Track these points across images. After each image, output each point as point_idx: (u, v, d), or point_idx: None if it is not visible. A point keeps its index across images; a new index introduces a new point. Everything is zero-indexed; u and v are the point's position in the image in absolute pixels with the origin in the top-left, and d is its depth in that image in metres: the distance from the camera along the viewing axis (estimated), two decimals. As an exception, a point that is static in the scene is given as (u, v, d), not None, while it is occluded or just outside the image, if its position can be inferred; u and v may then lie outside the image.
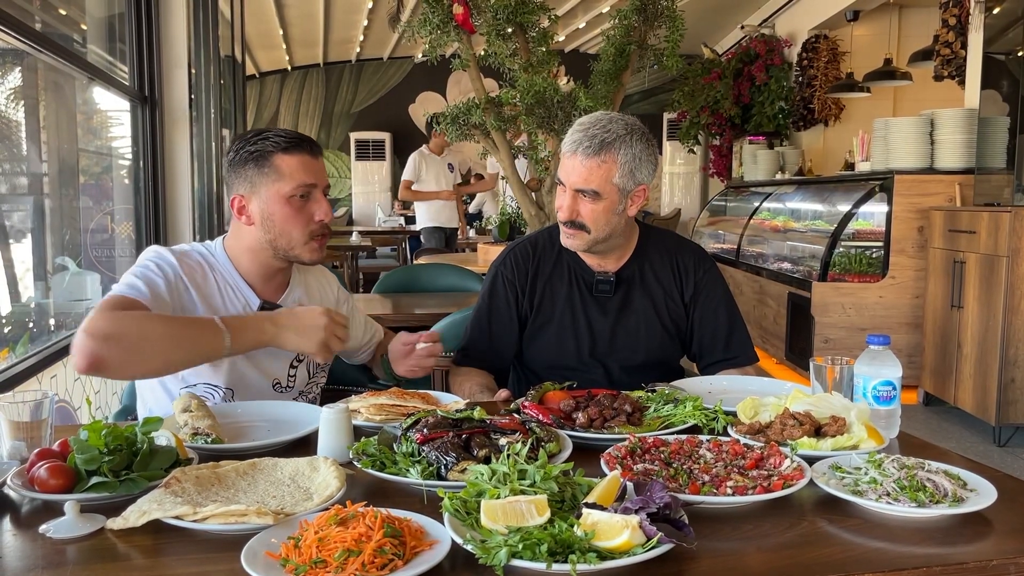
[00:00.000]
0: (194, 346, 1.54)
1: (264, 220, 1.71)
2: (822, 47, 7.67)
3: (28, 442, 1.26)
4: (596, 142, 1.82)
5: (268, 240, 1.72)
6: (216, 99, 4.53)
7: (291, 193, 1.68)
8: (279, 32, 10.23)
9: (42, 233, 3.50)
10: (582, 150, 1.83)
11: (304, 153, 1.70)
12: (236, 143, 1.74)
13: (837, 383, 1.54)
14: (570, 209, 1.87)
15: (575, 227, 1.89)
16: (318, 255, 1.76)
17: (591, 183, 1.83)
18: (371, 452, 1.27)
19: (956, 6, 5.33)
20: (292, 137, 1.71)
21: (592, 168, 1.82)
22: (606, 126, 1.84)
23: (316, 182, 1.71)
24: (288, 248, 1.73)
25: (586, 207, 1.86)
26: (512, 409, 1.52)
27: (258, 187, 1.70)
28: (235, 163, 1.71)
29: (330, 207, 1.75)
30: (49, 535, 1.05)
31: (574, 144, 1.84)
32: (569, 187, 1.86)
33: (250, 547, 0.97)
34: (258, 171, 1.69)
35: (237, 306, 1.74)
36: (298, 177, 1.69)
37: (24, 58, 3.25)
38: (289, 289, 1.83)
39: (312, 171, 1.71)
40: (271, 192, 1.69)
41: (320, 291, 1.93)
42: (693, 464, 1.26)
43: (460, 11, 4.27)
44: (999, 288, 4.07)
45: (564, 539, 0.94)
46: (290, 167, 1.68)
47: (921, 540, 1.06)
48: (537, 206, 4.65)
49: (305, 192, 1.70)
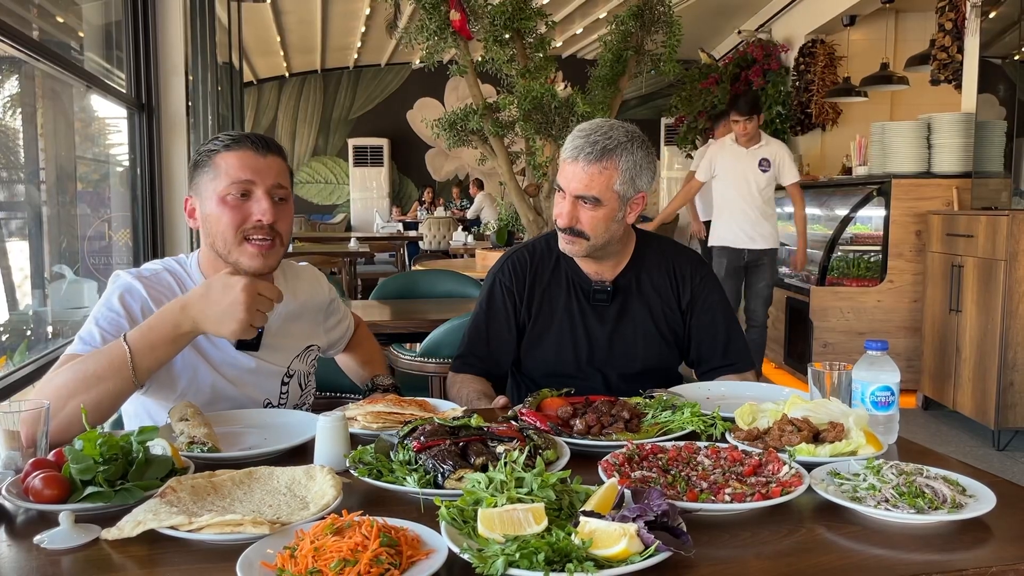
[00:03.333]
0: (99, 381, 1.40)
1: (204, 221, 1.63)
2: (819, 52, 7.69)
3: (23, 452, 1.26)
4: (598, 148, 1.81)
5: (210, 244, 1.64)
6: (214, 106, 4.53)
7: (225, 192, 1.58)
8: (277, 39, 10.25)
9: (40, 241, 3.50)
10: (584, 156, 1.81)
11: (246, 150, 1.61)
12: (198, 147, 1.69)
13: (835, 389, 1.53)
14: (570, 216, 1.86)
15: (574, 234, 1.88)
16: (259, 261, 1.60)
17: (592, 189, 1.83)
18: (368, 460, 1.27)
19: (952, 10, 5.34)
20: (238, 135, 1.64)
21: (593, 174, 1.82)
22: (607, 133, 1.83)
23: (255, 179, 1.59)
24: (225, 252, 1.62)
25: (586, 214, 1.85)
26: (510, 416, 1.52)
27: (200, 187, 1.63)
28: (191, 166, 1.67)
29: (272, 208, 1.59)
30: (44, 545, 1.04)
31: (575, 150, 1.83)
32: (569, 193, 1.85)
33: (246, 557, 0.96)
34: (201, 172, 1.62)
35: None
36: (233, 174, 1.59)
37: (22, 66, 3.25)
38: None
39: (252, 168, 1.60)
40: (209, 191, 1.61)
41: (310, 296, 1.87)
42: (691, 471, 1.25)
43: (457, 17, 4.28)
44: (997, 292, 4.07)
45: (561, 548, 0.94)
46: (228, 164, 1.59)
47: (920, 547, 1.06)
48: (535, 212, 4.66)
49: (243, 191, 1.59)
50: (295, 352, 1.80)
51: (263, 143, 1.63)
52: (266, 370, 1.73)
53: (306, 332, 1.85)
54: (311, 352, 1.87)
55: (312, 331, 1.87)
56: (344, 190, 13.11)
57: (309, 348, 1.85)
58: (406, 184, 13.29)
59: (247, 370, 1.70)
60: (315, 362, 1.91)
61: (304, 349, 1.83)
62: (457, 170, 13.19)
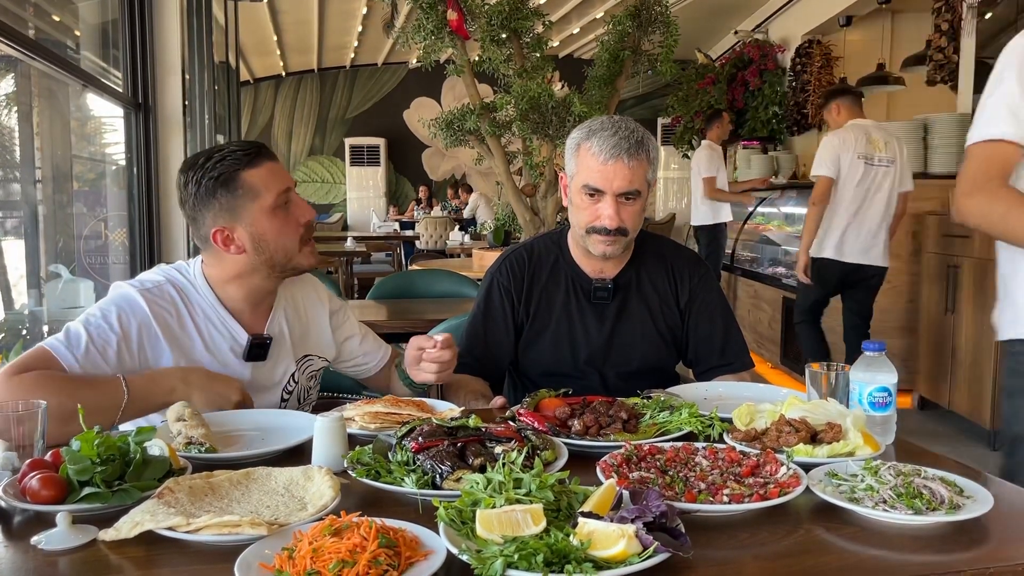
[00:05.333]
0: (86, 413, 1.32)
1: (256, 243, 1.62)
2: (815, 52, 7.70)
3: (20, 452, 1.25)
4: (634, 141, 1.80)
5: (263, 260, 1.64)
6: (210, 105, 4.52)
7: (274, 204, 1.61)
8: (273, 38, 10.24)
9: (36, 240, 3.49)
10: (625, 153, 1.79)
11: (266, 159, 1.62)
12: (190, 173, 1.60)
13: (833, 389, 1.53)
14: (617, 216, 1.82)
15: (619, 233, 1.85)
16: (315, 258, 1.70)
17: (635, 184, 1.81)
18: (366, 461, 1.26)
19: (948, 11, 5.36)
20: (248, 148, 1.62)
21: (635, 168, 1.81)
22: (630, 126, 1.83)
23: (289, 184, 1.64)
24: (286, 261, 1.66)
25: (627, 210, 1.84)
26: (508, 417, 1.52)
27: (239, 212, 1.60)
28: (201, 195, 1.59)
29: (307, 204, 1.68)
30: (41, 546, 1.04)
31: (615, 149, 1.79)
32: (612, 193, 1.81)
33: (243, 558, 0.96)
34: (232, 196, 1.59)
35: (221, 344, 1.67)
36: (274, 186, 1.61)
37: (17, 65, 3.24)
38: (273, 312, 1.76)
39: (281, 175, 1.64)
40: (255, 211, 1.60)
41: (307, 304, 1.85)
42: (689, 472, 1.25)
43: (454, 17, 4.28)
44: (993, 293, 4.07)
45: (560, 549, 0.94)
46: (263, 179, 1.60)
47: (918, 547, 1.06)
48: (532, 211, 4.66)
49: (286, 199, 1.64)
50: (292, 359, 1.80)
51: (267, 150, 1.65)
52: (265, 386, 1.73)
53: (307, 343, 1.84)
54: (309, 362, 1.85)
55: (316, 342, 1.87)
56: (341, 190, 13.10)
57: (307, 358, 1.84)
58: (403, 184, 13.29)
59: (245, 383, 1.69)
60: (317, 374, 1.90)
61: (302, 357, 1.83)
62: (454, 170, 13.19)
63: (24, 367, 1.48)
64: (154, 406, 1.54)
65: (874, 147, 4.36)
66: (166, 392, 1.52)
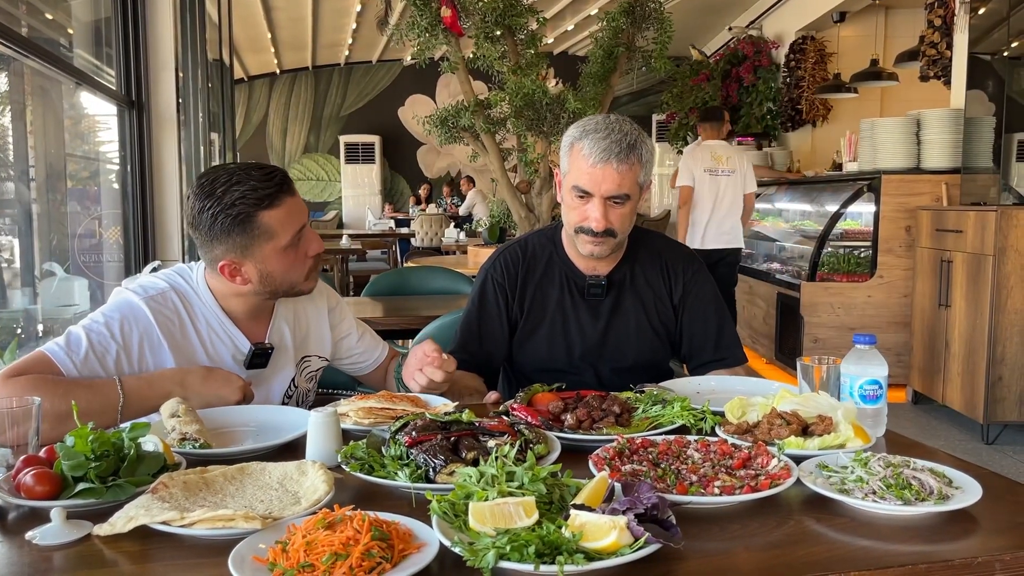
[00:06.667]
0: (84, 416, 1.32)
1: (263, 278, 1.63)
2: (809, 48, 7.72)
3: (14, 448, 1.26)
4: (625, 145, 1.78)
5: (269, 291, 1.66)
6: (204, 103, 4.52)
7: (288, 244, 1.61)
8: (267, 35, 10.22)
9: (30, 238, 3.48)
10: (615, 157, 1.77)
11: (286, 196, 1.59)
12: (207, 202, 1.55)
13: (824, 382, 1.54)
14: (604, 219, 1.81)
15: (606, 235, 1.85)
16: (315, 281, 1.74)
17: (624, 188, 1.80)
18: (359, 455, 1.27)
19: (941, 7, 5.37)
20: (269, 187, 1.57)
21: (624, 172, 1.79)
22: (623, 127, 1.81)
23: (303, 221, 1.63)
24: (290, 290, 1.69)
25: (615, 212, 1.83)
26: (501, 411, 1.52)
27: (251, 250, 1.59)
28: (216, 230, 1.56)
29: (318, 236, 1.68)
30: (35, 542, 1.04)
31: (605, 152, 1.77)
32: (600, 196, 1.80)
33: (238, 552, 0.97)
34: (246, 236, 1.57)
35: (223, 352, 1.68)
36: (290, 228, 1.60)
37: (10, 63, 3.23)
38: (274, 319, 1.76)
39: (298, 212, 1.62)
40: (267, 251, 1.60)
41: (306, 304, 1.85)
42: (681, 464, 1.26)
43: (448, 14, 4.28)
44: (986, 287, 4.10)
45: (552, 540, 0.94)
46: (280, 221, 1.58)
47: (907, 538, 1.07)
48: (527, 208, 4.66)
49: (299, 236, 1.63)
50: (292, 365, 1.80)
51: (288, 180, 1.62)
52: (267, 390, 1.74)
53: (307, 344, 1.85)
54: (307, 363, 1.85)
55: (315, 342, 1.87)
56: (336, 187, 13.09)
57: (305, 359, 1.84)
58: (398, 181, 13.28)
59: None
60: (316, 375, 1.90)
61: (300, 359, 1.83)
62: (449, 167, 13.18)
63: (21, 371, 1.49)
64: (151, 409, 1.54)
65: (717, 161, 5.43)
66: (162, 396, 1.52)
